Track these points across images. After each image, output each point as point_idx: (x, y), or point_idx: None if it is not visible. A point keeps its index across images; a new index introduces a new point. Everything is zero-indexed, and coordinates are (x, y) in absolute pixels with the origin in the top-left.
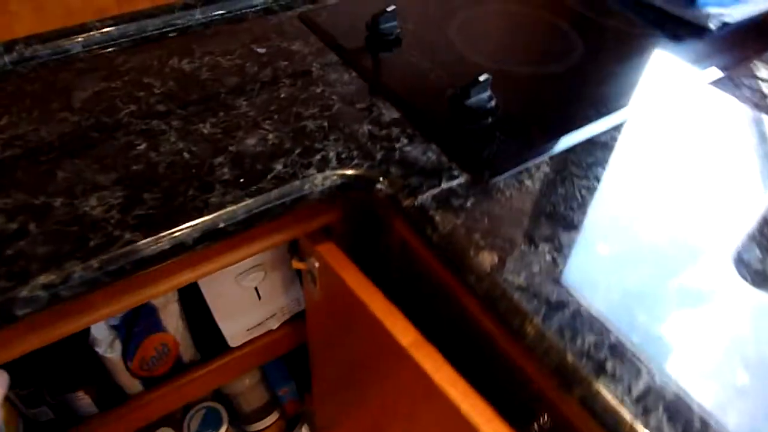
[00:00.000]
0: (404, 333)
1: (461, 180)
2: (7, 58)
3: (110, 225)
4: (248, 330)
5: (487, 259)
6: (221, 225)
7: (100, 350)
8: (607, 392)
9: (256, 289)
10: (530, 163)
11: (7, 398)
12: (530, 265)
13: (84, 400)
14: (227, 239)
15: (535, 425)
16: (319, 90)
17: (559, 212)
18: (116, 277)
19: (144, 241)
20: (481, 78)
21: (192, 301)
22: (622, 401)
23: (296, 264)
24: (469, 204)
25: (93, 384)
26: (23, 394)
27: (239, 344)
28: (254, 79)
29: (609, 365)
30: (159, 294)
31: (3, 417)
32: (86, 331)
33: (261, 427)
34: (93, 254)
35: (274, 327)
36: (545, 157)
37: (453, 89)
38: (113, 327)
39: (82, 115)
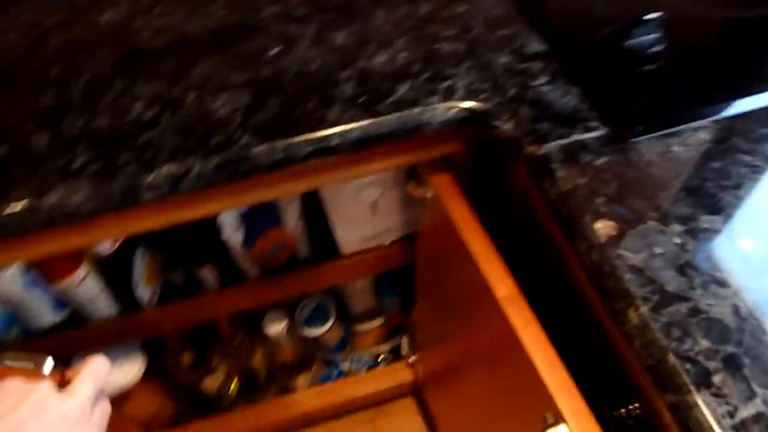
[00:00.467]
0: (501, 284)
1: (598, 133)
2: None
3: (232, 126)
4: (362, 240)
5: (605, 228)
6: (334, 143)
7: (224, 235)
8: (705, 408)
9: (374, 203)
10: (686, 126)
11: (152, 258)
12: (653, 245)
13: (209, 275)
14: (340, 156)
15: (623, 410)
16: (462, 9)
17: (705, 190)
18: (231, 178)
19: (260, 147)
20: (648, 17)
21: (313, 204)
22: (720, 423)
23: (412, 189)
24: (599, 162)
25: (217, 262)
26: (163, 258)
27: (351, 252)
28: None
29: (717, 378)
30: (272, 197)
31: (146, 271)
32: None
33: (364, 329)
34: (213, 153)
35: (387, 242)
36: (707, 122)
37: (612, 26)
38: (239, 216)
39: (227, 12)
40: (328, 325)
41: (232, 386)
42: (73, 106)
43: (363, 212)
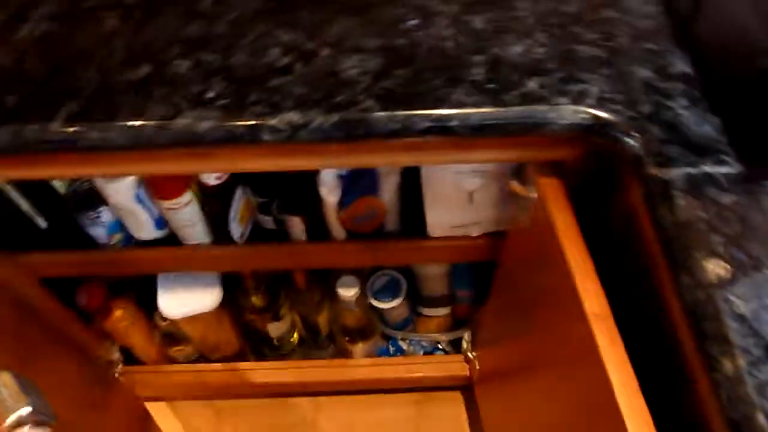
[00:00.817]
0: (593, 300)
1: (730, 169)
2: None
3: (358, 88)
4: (450, 227)
5: (716, 269)
6: (452, 123)
7: (321, 191)
8: None
9: (472, 192)
10: None
11: (249, 199)
12: (766, 297)
13: (298, 226)
14: (455, 138)
15: None
16: (610, 14)
17: None
18: (346, 137)
19: (380, 113)
20: None
21: (411, 180)
22: None
23: (515, 187)
24: (725, 199)
25: (309, 217)
26: (259, 201)
27: (437, 236)
28: None
29: None
30: (377, 164)
31: (242, 209)
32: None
33: (430, 314)
34: (335, 109)
35: (474, 234)
36: None
37: None
38: (339, 176)
39: None
40: (397, 301)
41: (294, 336)
42: (216, 39)
43: (459, 199)
